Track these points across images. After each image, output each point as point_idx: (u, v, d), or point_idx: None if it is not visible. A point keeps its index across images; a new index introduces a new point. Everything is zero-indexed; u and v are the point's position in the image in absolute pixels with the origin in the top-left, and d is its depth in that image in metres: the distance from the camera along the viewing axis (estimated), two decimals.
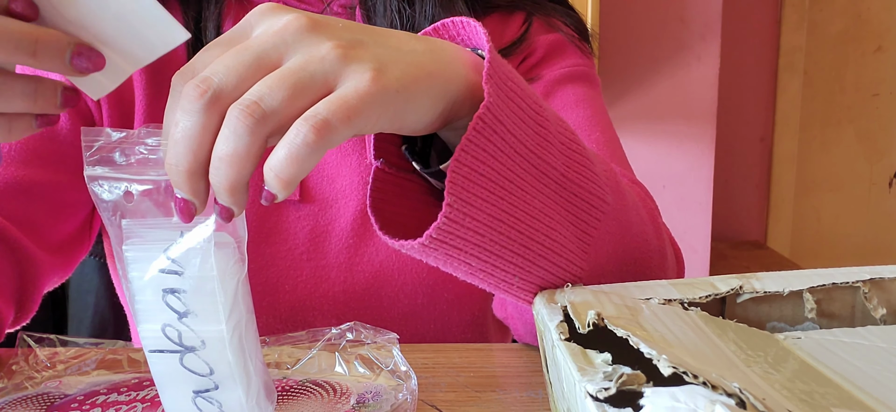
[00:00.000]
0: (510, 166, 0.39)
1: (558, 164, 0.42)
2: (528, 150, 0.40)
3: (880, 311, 0.43)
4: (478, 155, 0.38)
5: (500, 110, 0.38)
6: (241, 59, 0.33)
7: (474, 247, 0.40)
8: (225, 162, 0.33)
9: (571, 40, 0.71)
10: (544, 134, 0.41)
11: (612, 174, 0.48)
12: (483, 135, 0.38)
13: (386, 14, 0.65)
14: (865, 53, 2.23)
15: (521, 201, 0.41)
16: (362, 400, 0.48)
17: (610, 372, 0.30)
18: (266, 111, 0.33)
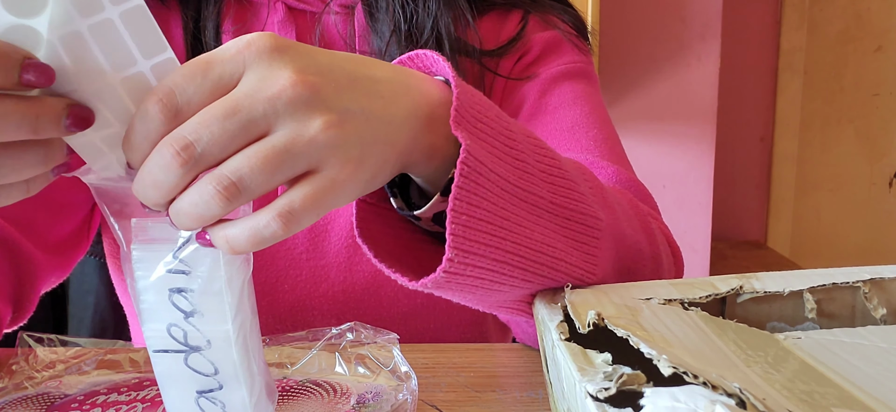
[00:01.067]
0: (501, 205, 0.39)
1: (544, 193, 0.42)
2: (512, 184, 0.40)
3: (880, 311, 0.43)
4: (471, 201, 0.37)
5: (477, 151, 0.38)
6: (227, 129, 0.32)
7: (479, 286, 0.41)
8: (190, 218, 0.33)
9: (568, 37, 0.71)
10: (522, 165, 0.41)
11: (597, 188, 0.47)
12: (470, 179, 0.37)
13: (389, 10, 0.64)
14: (865, 53, 2.23)
15: (521, 236, 0.40)
16: (362, 400, 0.48)
17: (610, 372, 0.30)
18: (242, 190, 0.32)
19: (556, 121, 0.66)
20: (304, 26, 0.67)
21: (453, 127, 0.37)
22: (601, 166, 0.61)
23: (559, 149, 0.64)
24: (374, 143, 0.36)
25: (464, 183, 0.37)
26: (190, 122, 0.32)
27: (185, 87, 0.32)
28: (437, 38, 0.64)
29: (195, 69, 0.33)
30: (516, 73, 0.69)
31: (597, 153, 0.63)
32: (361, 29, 0.66)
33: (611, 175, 0.60)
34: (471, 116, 0.38)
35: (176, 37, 0.66)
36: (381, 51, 0.64)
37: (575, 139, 0.64)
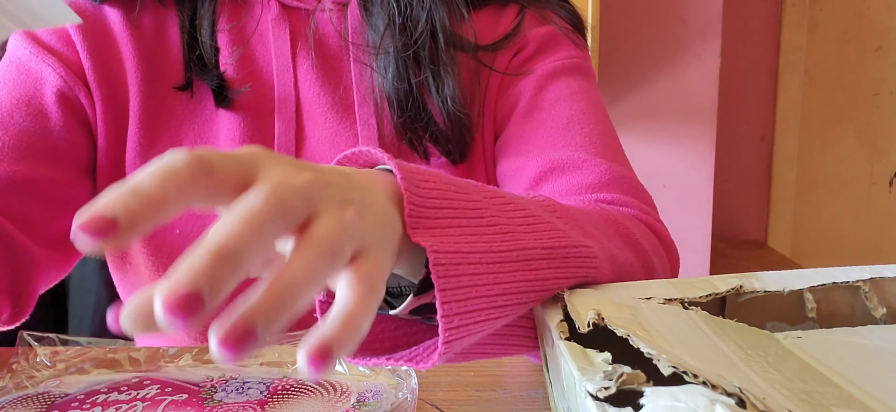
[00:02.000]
0: (494, 280, 0.37)
1: (533, 242, 0.40)
2: (499, 252, 0.38)
3: (880, 311, 0.43)
4: (459, 297, 0.35)
5: (447, 245, 0.35)
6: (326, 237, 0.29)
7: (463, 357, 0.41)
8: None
9: (565, 33, 0.71)
10: (499, 227, 0.39)
11: (569, 217, 0.45)
12: (450, 277, 0.35)
13: (383, 3, 0.64)
14: (866, 53, 2.23)
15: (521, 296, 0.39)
16: (362, 398, 0.48)
17: (610, 371, 0.30)
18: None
19: (551, 118, 0.66)
20: (297, 23, 0.67)
21: (410, 234, 0.35)
22: (593, 164, 0.61)
23: (553, 146, 0.63)
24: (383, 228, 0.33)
25: (444, 285, 0.35)
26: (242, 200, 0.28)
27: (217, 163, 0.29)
28: (431, 32, 0.64)
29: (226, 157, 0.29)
30: (512, 68, 0.69)
31: (591, 150, 0.62)
32: (356, 23, 0.66)
33: (602, 172, 0.60)
34: (429, 209, 0.36)
35: (173, 35, 0.66)
36: (375, 44, 0.64)
37: (570, 136, 0.64)
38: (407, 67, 0.64)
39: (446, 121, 0.64)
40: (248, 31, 0.67)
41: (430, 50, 0.64)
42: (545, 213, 0.43)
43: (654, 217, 0.58)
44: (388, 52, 0.64)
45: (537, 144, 0.64)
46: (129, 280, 0.69)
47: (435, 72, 0.64)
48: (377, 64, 0.64)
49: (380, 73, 0.64)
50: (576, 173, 0.60)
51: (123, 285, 0.71)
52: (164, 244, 0.65)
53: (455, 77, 0.64)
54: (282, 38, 0.66)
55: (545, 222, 0.42)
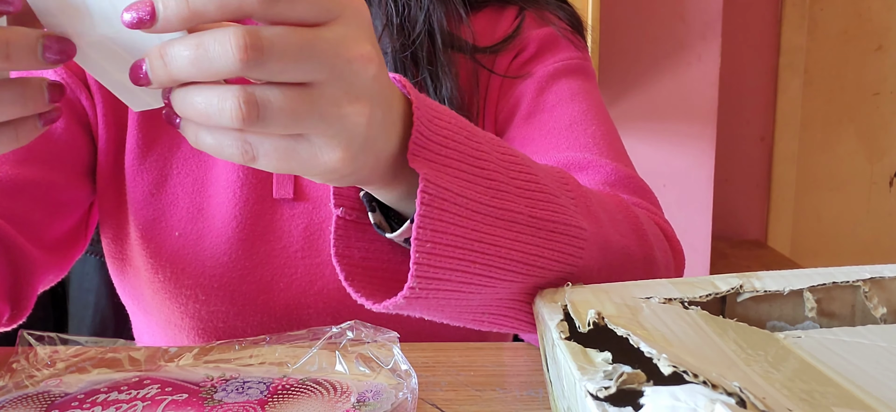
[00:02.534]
0: (472, 226, 0.39)
1: (522, 208, 0.41)
2: (485, 204, 0.40)
3: (881, 310, 0.43)
4: (436, 228, 0.37)
5: (440, 178, 0.38)
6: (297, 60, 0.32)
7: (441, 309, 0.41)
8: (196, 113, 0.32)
9: (563, 34, 0.71)
10: (495, 183, 0.41)
11: (580, 197, 0.46)
12: (433, 207, 0.37)
13: (381, 3, 0.64)
14: (866, 52, 2.23)
15: (496, 257, 0.40)
16: (363, 398, 0.48)
17: (610, 371, 0.30)
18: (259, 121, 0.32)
19: (553, 119, 0.66)
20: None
21: (410, 160, 0.37)
22: (599, 164, 0.61)
23: (557, 147, 0.63)
24: (370, 151, 0.36)
25: (426, 211, 0.37)
26: (272, 30, 0.31)
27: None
28: (429, 33, 0.64)
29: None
30: (512, 71, 0.69)
31: (595, 150, 0.62)
32: None
33: (608, 172, 0.60)
34: (434, 143, 0.38)
35: None
36: None
37: (573, 137, 0.64)
38: (405, 68, 0.64)
39: None
40: None
41: (428, 51, 0.64)
42: (553, 184, 0.44)
43: (661, 216, 0.58)
44: (386, 52, 0.64)
45: (540, 146, 0.64)
46: (129, 280, 0.69)
47: (433, 73, 0.64)
48: None
49: None
50: (582, 173, 0.61)
51: (123, 285, 0.71)
52: (163, 246, 0.65)
53: (453, 78, 0.64)
54: None
55: (545, 192, 0.43)
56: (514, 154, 0.43)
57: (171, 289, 0.65)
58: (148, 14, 0.31)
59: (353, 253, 0.44)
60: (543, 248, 0.42)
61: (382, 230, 0.44)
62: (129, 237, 0.67)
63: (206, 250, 0.64)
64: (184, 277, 0.64)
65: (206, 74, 0.31)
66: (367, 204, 0.44)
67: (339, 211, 0.44)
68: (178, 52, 0.31)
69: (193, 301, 0.65)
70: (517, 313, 0.46)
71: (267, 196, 0.65)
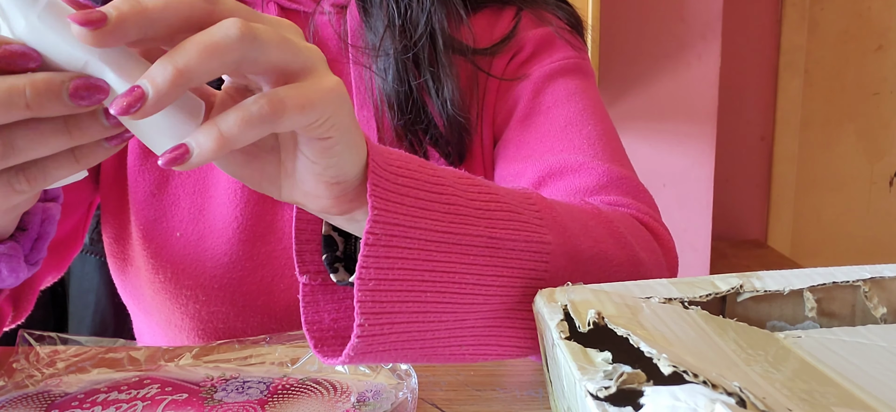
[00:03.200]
0: (424, 257, 0.39)
1: (481, 230, 0.42)
2: (440, 232, 0.40)
3: (881, 310, 0.43)
4: (380, 265, 0.38)
5: (392, 214, 0.38)
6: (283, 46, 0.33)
7: (407, 346, 0.41)
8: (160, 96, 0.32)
9: (561, 33, 0.70)
10: (454, 208, 0.41)
11: (545, 209, 0.46)
12: (378, 246, 0.38)
13: (382, 5, 0.64)
14: (866, 52, 2.23)
15: (449, 284, 0.40)
16: (362, 398, 0.48)
17: (610, 371, 0.30)
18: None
19: (549, 120, 0.65)
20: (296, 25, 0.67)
21: (369, 193, 0.38)
22: (591, 167, 0.60)
23: (552, 149, 0.63)
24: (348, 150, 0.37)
25: (369, 251, 0.38)
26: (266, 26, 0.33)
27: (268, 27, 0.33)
28: (430, 34, 0.64)
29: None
30: (509, 72, 0.69)
31: (589, 152, 0.62)
32: (355, 25, 0.66)
33: (600, 174, 0.60)
34: (390, 175, 0.39)
35: None
36: (375, 46, 0.64)
37: (568, 138, 0.63)
38: (407, 70, 0.64)
39: (445, 123, 0.64)
40: None
41: (430, 53, 0.64)
42: (515, 202, 0.44)
43: (653, 216, 0.58)
44: (388, 54, 0.64)
45: (536, 148, 0.64)
46: (129, 280, 0.69)
47: (434, 74, 0.64)
48: (377, 66, 0.64)
49: (380, 76, 0.64)
50: (574, 177, 0.60)
51: (124, 286, 0.71)
52: (164, 246, 0.65)
53: (454, 79, 0.64)
54: None
55: (506, 210, 0.43)
56: (472, 178, 0.44)
57: (172, 289, 0.65)
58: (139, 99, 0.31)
59: (322, 317, 0.45)
60: (502, 268, 0.42)
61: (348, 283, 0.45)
62: (130, 237, 0.67)
63: (207, 251, 0.64)
64: (184, 278, 0.64)
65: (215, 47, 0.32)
66: (328, 266, 0.45)
67: (303, 278, 0.45)
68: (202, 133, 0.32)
69: (194, 301, 0.65)
70: (498, 339, 0.45)
71: (268, 197, 0.65)
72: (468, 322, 0.43)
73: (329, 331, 0.45)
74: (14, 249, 0.44)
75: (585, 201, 0.56)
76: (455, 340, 0.43)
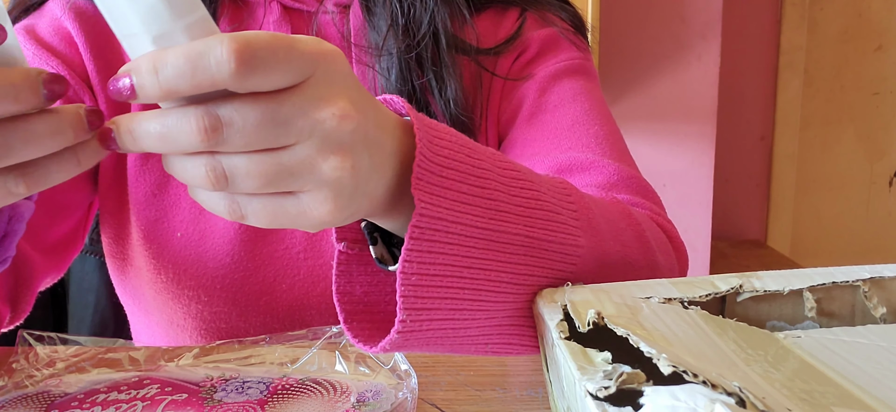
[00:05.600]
0: (463, 253, 0.39)
1: (518, 229, 0.41)
2: (481, 229, 0.39)
3: (880, 310, 0.43)
4: (423, 260, 0.37)
5: (435, 209, 0.37)
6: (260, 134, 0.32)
7: (440, 341, 0.41)
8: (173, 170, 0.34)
9: (565, 34, 0.71)
10: (495, 204, 0.40)
11: (582, 209, 0.46)
12: (422, 240, 0.37)
13: (386, 4, 0.64)
14: (866, 52, 2.23)
15: (485, 281, 0.40)
16: (362, 398, 0.48)
17: (610, 371, 0.30)
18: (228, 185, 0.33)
19: (555, 120, 0.66)
20: (299, 25, 0.67)
21: (413, 185, 0.37)
22: (601, 165, 0.61)
23: (559, 148, 0.63)
24: (362, 196, 0.36)
25: (413, 245, 0.37)
26: (231, 108, 0.31)
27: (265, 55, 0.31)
28: (433, 34, 0.64)
29: (279, 44, 0.31)
30: (514, 72, 0.69)
31: (598, 151, 0.62)
32: (358, 25, 0.66)
33: (610, 173, 0.60)
34: (437, 165, 0.38)
35: None
36: (378, 45, 0.64)
37: (575, 138, 0.64)
38: (410, 69, 0.64)
39: (449, 123, 0.64)
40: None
41: (433, 52, 0.64)
42: (555, 200, 0.44)
43: (664, 216, 0.58)
44: (391, 53, 0.64)
45: (543, 146, 0.64)
46: (129, 281, 0.69)
47: (437, 74, 0.64)
48: (380, 65, 0.64)
49: (383, 75, 0.64)
50: (584, 174, 0.60)
51: (123, 286, 0.71)
52: (164, 246, 0.65)
53: (457, 79, 0.64)
54: None
55: (546, 210, 0.43)
56: (515, 169, 0.43)
57: (174, 289, 0.65)
58: (129, 90, 0.32)
59: (354, 288, 0.44)
60: (535, 267, 0.42)
61: (385, 263, 0.44)
62: (130, 237, 0.67)
63: (208, 251, 0.64)
64: (186, 278, 0.64)
65: (174, 149, 0.33)
66: (368, 237, 0.44)
67: (340, 245, 0.44)
68: (147, 128, 0.33)
69: (195, 302, 0.65)
70: (521, 337, 0.45)
71: None
72: (496, 319, 0.43)
73: (360, 304, 0.44)
74: None
75: (614, 198, 0.56)
76: (483, 336, 0.43)
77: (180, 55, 0.30)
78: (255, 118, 0.31)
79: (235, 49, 0.30)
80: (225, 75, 0.30)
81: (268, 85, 0.31)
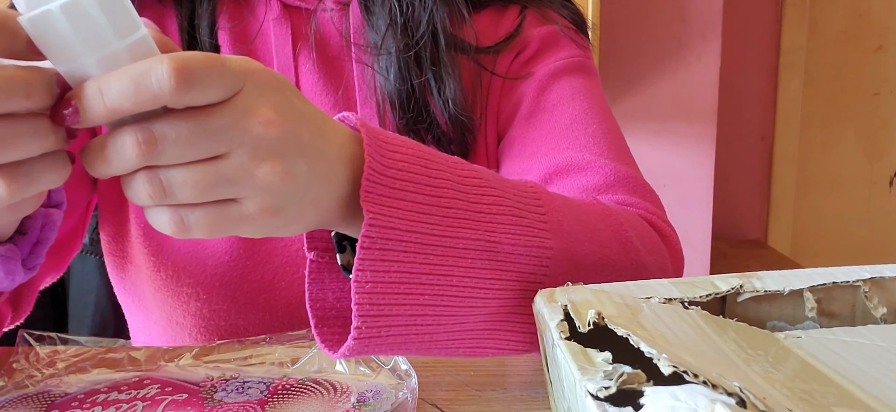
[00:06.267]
0: (422, 261, 0.39)
1: (479, 234, 0.41)
2: (438, 236, 0.40)
3: (881, 310, 0.43)
4: (376, 268, 0.38)
5: (388, 218, 0.38)
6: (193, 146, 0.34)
7: (404, 346, 0.41)
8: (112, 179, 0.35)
9: (565, 32, 0.70)
10: (452, 212, 0.41)
11: (552, 211, 0.46)
12: (373, 249, 0.38)
13: (385, 3, 0.64)
14: (866, 52, 2.23)
15: (447, 288, 0.40)
16: (363, 398, 0.48)
17: (610, 371, 0.30)
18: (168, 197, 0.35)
19: (553, 119, 0.65)
20: (299, 23, 0.67)
21: (361, 198, 0.38)
22: (598, 166, 0.60)
23: (557, 147, 0.63)
24: (300, 202, 0.37)
25: (365, 254, 0.38)
26: (165, 123, 0.33)
27: (200, 73, 0.33)
28: (432, 33, 0.64)
29: (213, 62, 0.33)
30: (513, 71, 0.69)
31: (595, 151, 0.62)
32: (357, 23, 0.66)
33: (607, 173, 0.60)
34: (388, 178, 0.39)
35: (172, 35, 0.66)
36: (377, 44, 0.64)
37: (573, 136, 0.64)
38: (408, 68, 0.64)
39: (448, 122, 0.64)
40: (250, 31, 0.67)
41: (432, 51, 0.64)
42: (520, 203, 0.44)
43: (660, 216, 0.58)
44: (390, 52, 0.64)
45: (541, 146, 0.64)
46: (129, 279, 0.69)
47: (436, 73, 0.64)
48: (379, 64, 0.64)
49: (382, 74, 0.64)
50: (581, 175, 0.60)
51: (123, 285, 0.71)
52: (163, 244, 0.65)
53: (456, 78, 0.64)
54: (283, 38, 0.66)
55: (509, 214, 0.43)
56: (478, 176, 0.43)
57: (173, 287, 0.65)
58: (74, 114, 0.33)
59: (327, 295, 0.45)
60: (501, 272, 0.42)
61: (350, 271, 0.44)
62: (129, 235, 0.67)
63: (207, 249, 0.64)
64: (185, 276, 0.64)
65: (119, 168, 0.34)
66: (336, 245, 0.45)
67: (311, 255, 0.45)
68: (90, 153, 0.35)
69: (195, 300, 0.65)
70: (496, 341, 0.45)
71: None
72: (467, 324, 0.43)
73: (332, 309, 0.45)
74: (12, 252, 0.44)
75: (596, 199, 0.56)
76: (453, 341, 0.43)
77: (124, 76, 0.32)
78: (188, 130, 0.34)
79: (175, 68, 0.32)
80: (166, 92, 0.32)
81: (203, 99, 0.33)
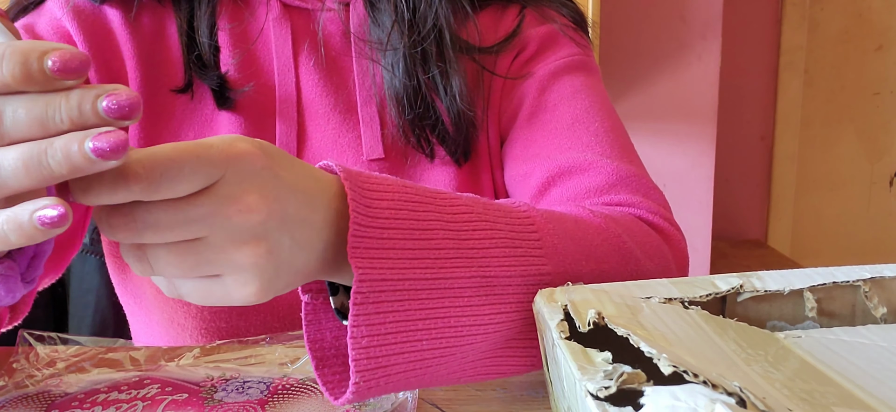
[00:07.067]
0: (418, 307, 0.39)
1: (473, 272, 0.41)
2: (430, 280, 0.40)
3: (881, 310, 0.43)
4: (372, 321, 0.38)
5: (378, 271, 0.38)
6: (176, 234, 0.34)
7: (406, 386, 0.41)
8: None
9: (564, 31, 0.70)
10: (444, 252, 0.40)
11: (546, 234, 0.45)
12: (369, 303, 0.38)
13: (390, 2, 0.64)
14: (866, 52, 2.23)
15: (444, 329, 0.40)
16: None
17: (610, 370, 0.30)
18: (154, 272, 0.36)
19: (555, 118, 0.65)
20: (299, 23, 0.67)
21: (349, 255, 0.37)
22: (600, 166, 0.60)
23: (559, 148, 0.63)
24: (286, 273, 0.37)
25: (359, 309, 0.38)
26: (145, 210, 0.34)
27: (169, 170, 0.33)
28: (438, 31, 0.64)
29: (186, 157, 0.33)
30: (514, 71, 0.69)
31: (598, 149, 0.62)
32: (360, 21, 0.66)
33: (610, 173, 0.60)
34: (375, 230, 0.38)
35: (172, 35, 0.66)
36: (382, 42, 0.64)
37: (575, 136, 0.63)
38: (415, 65, 0.64)
39: (452, 120, 0.64)
40: (250, 32, 0.66)
41: (437, 48, 0.64)
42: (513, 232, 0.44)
43: (663, 215, 0.57)
44: (397, 49, 0.63)
45: (543, 148, 0.64)
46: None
47: (442, 70, 0.64)
48: (385, 61, 0.64)
49: (388, 71, 0.64)
50: (583, 176, 0.60)
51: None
52: None
53: (461, 75, 0.64)
54: (283, 38, 0.66)
55: (501, 247, 0.42)
56: (468, 209, 0.43)
57: None
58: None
59: (324, 335, 0.45)
60: (499, 304, 0.42)
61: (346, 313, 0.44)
62: None
63: None
64: None
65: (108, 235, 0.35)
66: (329, 288, 0.45)
67: (305, 297, 0.45)
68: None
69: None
70: (499, 367, 0.45)
71: None
72: (468, 358, 0.43)
73: (331, 349, 0.44)
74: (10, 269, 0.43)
75: (592, 212, 0.55)
76: (453, 374, 0.43)
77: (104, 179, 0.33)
78: (167, 218, 0.34)
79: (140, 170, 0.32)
80: (135, 190, 0.32)
81: (178, 193, 0.33)
